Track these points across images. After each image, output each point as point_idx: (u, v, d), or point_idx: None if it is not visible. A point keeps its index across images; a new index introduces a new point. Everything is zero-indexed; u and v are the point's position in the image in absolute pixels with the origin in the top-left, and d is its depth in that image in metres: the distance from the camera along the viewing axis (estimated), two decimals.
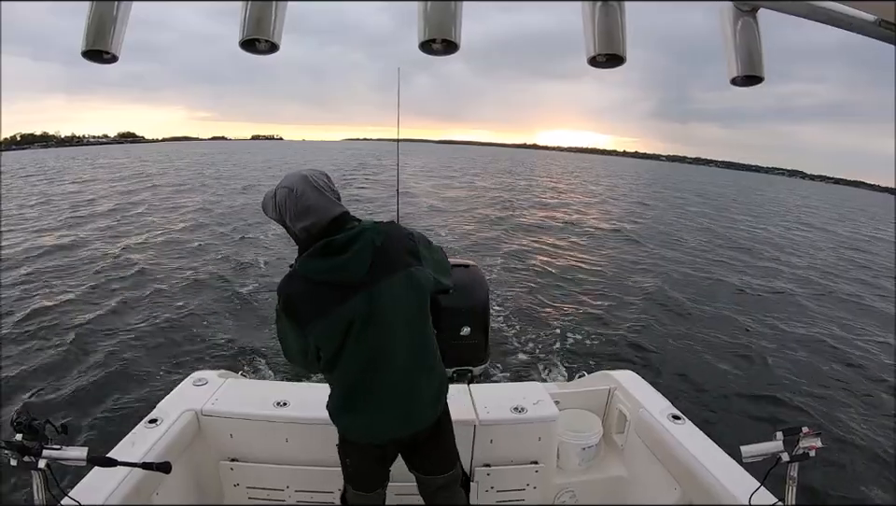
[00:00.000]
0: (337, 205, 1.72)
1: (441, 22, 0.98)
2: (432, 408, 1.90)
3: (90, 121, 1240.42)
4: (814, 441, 1.61)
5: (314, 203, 1.67)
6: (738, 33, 1.08)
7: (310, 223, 1.68)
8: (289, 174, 1.73)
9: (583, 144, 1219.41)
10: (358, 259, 1.65)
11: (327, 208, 1.69)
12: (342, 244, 1.65)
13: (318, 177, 1.72)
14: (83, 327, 7.33)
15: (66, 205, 19.11)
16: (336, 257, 1.64)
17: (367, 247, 1.65)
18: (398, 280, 1.70)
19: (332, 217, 1.69)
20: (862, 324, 9.89)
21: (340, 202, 1.75)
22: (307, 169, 1.74)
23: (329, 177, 1.76)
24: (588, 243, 15.89)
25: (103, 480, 1.92)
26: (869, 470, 5.00)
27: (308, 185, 1.68)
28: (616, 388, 3.01)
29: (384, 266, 1.68)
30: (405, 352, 1.77)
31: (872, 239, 26.14)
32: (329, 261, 1.65)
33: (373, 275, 1.67)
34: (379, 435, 1.87)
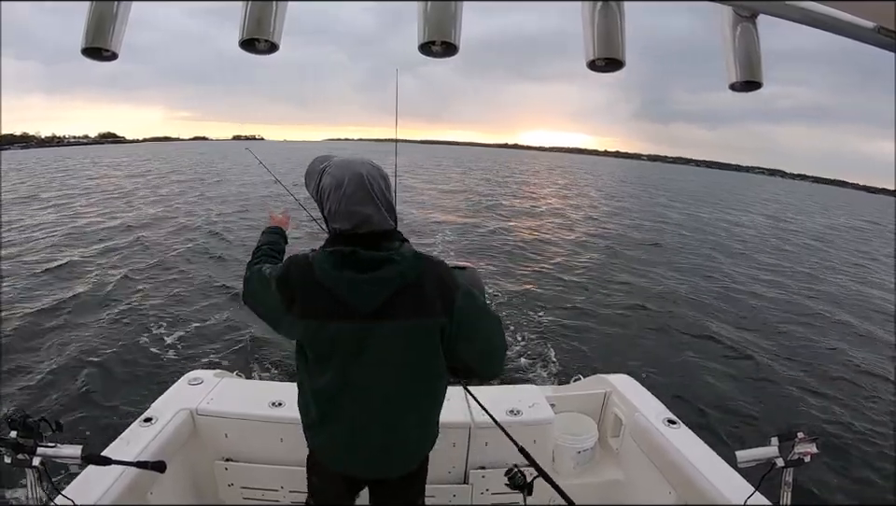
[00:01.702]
0: (386, 220, 1.45)
1: (440, 24, 0.98)
2: (404, 462, 1.69)
3: (70, 121, 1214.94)
4: (809, 446, 1.62)
5: (360, 209, 1.42)
6: (738, 38, 1.08)
7: (348, 227, 1.44)
8: (346, 160, 1.49)
9: (566, 144, 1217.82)
10: (373, 289, 1.41)
11: (371, 220, 1.43)
12: (366, 263, 1.40)
13: (377, 180, 1.45)
14: (79, 325, 7.32)
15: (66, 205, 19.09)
16: (353, 274, 1.41)
17: (391, 280, 1.41)
18: (406, 330, 1.46)
19: (374, 231, 1.44)
20: (859, 326, 9.91)
21: (393, 211, 1.50)
22: (367, 164, 1.47)
23: (387, 182, 1.49)
24: (585, 246, 15.91)
25: (97, 478, 1.91)
26: (865, 476, 5.01)
27: (362, 187, 1.42)
28: (612, 392, 3.01)
29: (401, 307, 1.42)
30: (387, 400, 1.56)
31: None
32: (344, 275, 1.41)
33: (382, 312, 1.42)
34: (343, 467, 1.68)
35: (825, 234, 27.42)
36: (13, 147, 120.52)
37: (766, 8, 1.05)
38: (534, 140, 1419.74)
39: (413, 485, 1.82)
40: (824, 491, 4.65)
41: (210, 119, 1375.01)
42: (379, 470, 1.68)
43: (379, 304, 1.41)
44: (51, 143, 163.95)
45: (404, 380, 1.54)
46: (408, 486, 1.79)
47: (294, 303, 1.47)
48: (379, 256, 1.41)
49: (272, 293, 1.52)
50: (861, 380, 7.33)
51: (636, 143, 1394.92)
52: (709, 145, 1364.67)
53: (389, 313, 1.42)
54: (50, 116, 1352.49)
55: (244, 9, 1.01)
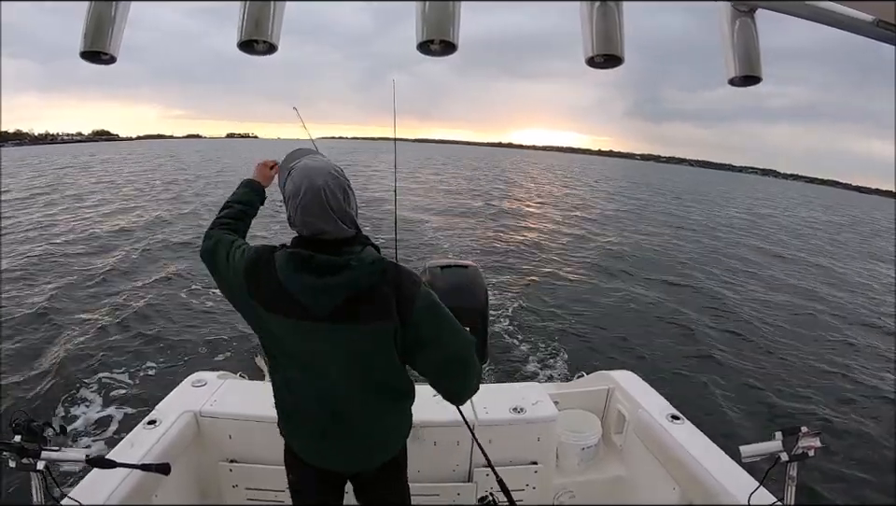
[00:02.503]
0: (342, 231, 1.43)
1: (439, 23, 0.98)
2: (375, 455, 1.71)
3: (63, 119, 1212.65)
4: (813, 441, 1.61)
5: (313, 221, 1.41)
6: (736, 33, 1.08)
7: (305, 234, 1.45)
8: (309, 166, 1.44)
9: (559, 143, 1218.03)
10: (329, 294, 1.40)
11: (325, 232, 1.42)
12: (323, 268, 1.39)
13: (334, 193, 1.41)
14: (82, 328, 7.33)
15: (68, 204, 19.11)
16: (310, 278, 1.40)
17: (347, 286, 1.40)
18: (361, 333, 1.46)
19: (328, 239, 1.43)
20: (862, 321, 9.91)
21: (354, 219, 1.48)
22: (328, 173, 1.42)
23: (347, 193, 1.44)
24: (584, 245, 15.90)
25: (102, 481, 1.91)
26: (868, 471, 5.01)
27: (317, 200, 1.39)
28: (615, 388, 3.01)
29: (356, 311, 1.42)
30: (349, 400, 1.58)
31: None
32: (301, 279, 1.41)
33: (338, 316, 1.42)
34: (319, 461, 1.71)
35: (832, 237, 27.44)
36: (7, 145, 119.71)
37: (765, 3, 1.05)
38: (527, 139, 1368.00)
39: (393, 475, 1.83)
40: (828, 485, 4.65)
41: (204, 118, 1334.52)
42: (352, 463, 1.72)
43: (334, 309, 1.41)
44: (45, 140, 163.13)
45: (364, 380, 1.56)
46: (388, 477, 1.81)
47: (259, 293, 1.49)
48: (335, 261, 1.40)
49: (238, 274, 1.54)
50: (865, 373, 7.33)
51: (629, 142, 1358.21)
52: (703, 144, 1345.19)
53: (345, 317, 1.43)
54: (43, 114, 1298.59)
55: (242, 11, 1.01)
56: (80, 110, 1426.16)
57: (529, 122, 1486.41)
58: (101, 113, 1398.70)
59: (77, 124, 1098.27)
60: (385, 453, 1.73)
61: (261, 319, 1.54)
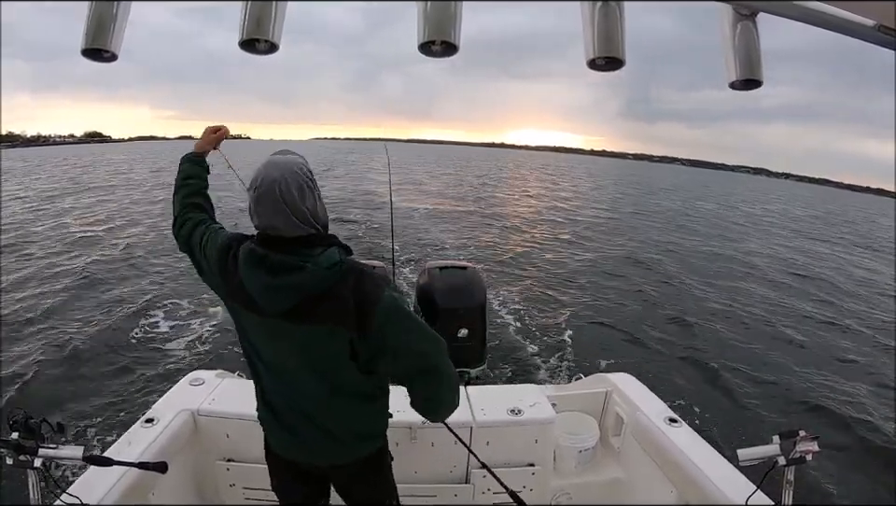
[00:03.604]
0: (296, 228, 1.38)
1: (440, 24, 0.98)
2: (347, 451, 1.66)
3: (55, 120, 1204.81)
4: (811, 444, 1.61)
5: (264, 215, 1.38)
6: (737, 36, 1.09)
7: (259, 226, 1.41)
8: (273, 160, 1.41)
9: (552, 143, 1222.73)
10: (280, 295, 1.37)
11: (277, 228, 1.38)
12: (276, 267, 1.36)
13: (290, 190, 1.35)
14: (80, 326, 7.33)
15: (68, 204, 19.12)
16: (264, 277, 1.37)
17: (299, 287, 1.36)
18: (314, 334, 1.42)
19: (285, 236, 1.38)
20: (859, 324, 9.92)
21: (313, 219, 1.41)
22: (288, 168, 1.38)
23: (304, 192, 1.38)
24: (583, 244, 15.91)
25: (99, 479, 1.91)
26: (867, 475, 5.02)
27: (270, 194, 1.35)
28: (613, 391, 3.01)
29: (309, 313, 1.38)
30: (311, 397, 1.56)
31: None
32: (256, 276, 1.38)
33: (290, 316, 1.39)
34: (288, 453, 1.69)
35: None
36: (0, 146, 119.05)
37: (766, 7, 1.05)
38: (521, 139, 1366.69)
39: (373, 470, 1.77)
40: (826, 490, 4.66)
41: (196, 119, 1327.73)
42: (324, 458, 1.67)
43: (290, 309, 1.38)
44: (37, 142, 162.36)
45: (326, 382, 1.52)
46: (367, 473, 1.76)
47: (230, 287, 1.49)
48: (289, 262, 1.35)
49: (212, 265, 1.54)
50: (862, 376, 7.34)
51: (622, 141, 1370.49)
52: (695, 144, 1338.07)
53: (300, 317, 1.39)
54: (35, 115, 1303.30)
55: (243, 10, 1.01)
56: (72, 111, 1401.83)
57: (523, 123, 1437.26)
58: (93, 114, 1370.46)
59: (69, 125, 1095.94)
60: (357, 450, 1.69)
61: (235, 313, 1.55)
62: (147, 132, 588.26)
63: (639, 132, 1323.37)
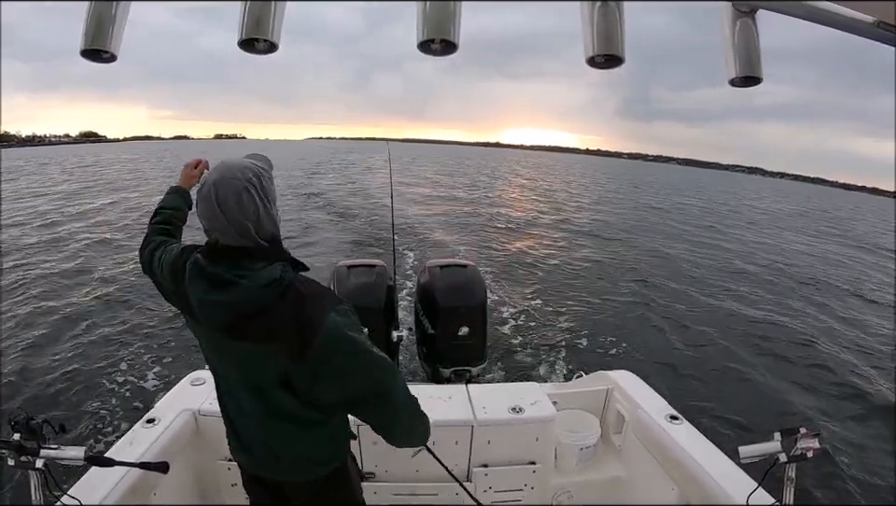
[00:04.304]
0: (232, 238, 1.28)
1: (440, 23, 0.98)
2: (290, 465, 1.53)
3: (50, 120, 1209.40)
4: (812, 441, 1.61)
5: (202, 215, 1.30)
6: (737, 33, 1.09)
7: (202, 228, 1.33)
8: (224, 162, 1.34)
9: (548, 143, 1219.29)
10: (215, 311, 1.30)
11: (212, 231, 1.30)
12: (211, 279, 1.29)
13: (226, 195, 1.26)
14: (81, 326, 7.32)
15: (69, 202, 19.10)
16: (202, 289, 1.31)
17: (233, 305, 1.27)
18: (249, 353, 1.34)
19: (224, 245, 1.30)
20: (861, 320, 9.92)
21: (254, 230, 1.29)
22: (232, 173, 1.28)
23: (244, 199, 1.27)
24: (583, 243, 15.91)
25: (100, 480, 1.92)
26: (868, 472, 5.01)
27: (208, 197, 1.27)
28: (614, 388, 3.01)
29: (245, 330, 1.29)
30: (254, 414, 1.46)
31: None
32: (194, 286, 1.32)
33: (227, 331, 1.32)
34: (252, 468, 1.61)
35: None
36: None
37: (766, 4, 1.05)
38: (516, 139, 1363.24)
39: (332, 487, 1.62)
40: (827, 486, 4.66)
41: (192, 119, 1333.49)
42: (274, 474, 1.57)
43: (224, 324, 1.30)
44: (32, 142, 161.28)
45: (262, 403, 1.41)
46: (327, 489, 1.60)
47: (178, 287, 1.41)
48: (223, 276, 1.27)
49: (166, 277, 1.51)
50: (864, 374, 7.33)
51: (617, 141, 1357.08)
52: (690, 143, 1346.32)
53: (235, 334, 1.31)
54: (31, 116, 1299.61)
55: (242, 9, 1.01)
56: (67, 111, 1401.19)
57: (519, 122, 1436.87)
58: (87, 114, 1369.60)
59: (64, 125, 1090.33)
60: (309, 471, 1.56)
61: (188, 323, 1.49)
62: (142, 132, 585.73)
63: (635, 131, 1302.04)
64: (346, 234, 14.52)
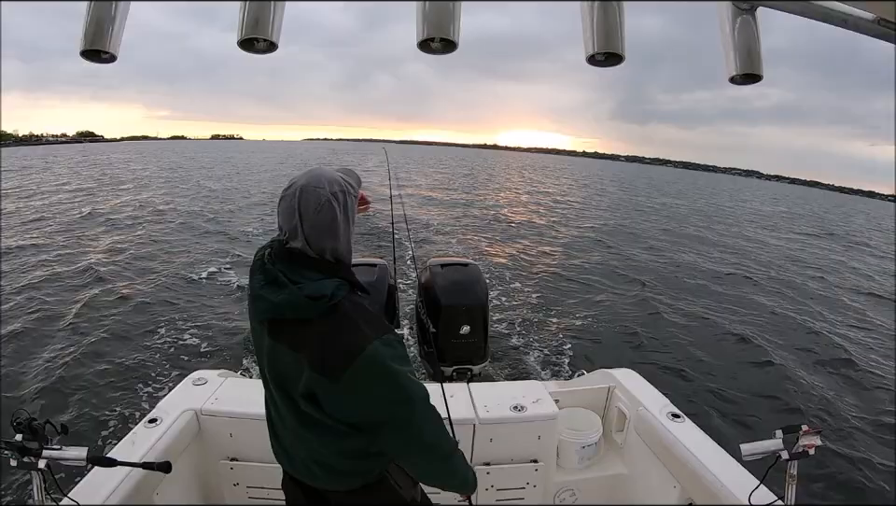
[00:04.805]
0: (301, 242, 1.30)
1: (439, 21, 0.98)
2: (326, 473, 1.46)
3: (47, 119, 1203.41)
4: (814, 439, 1.61)
5: (281, 214, 1.33)
6: (737, 31, 1.08)
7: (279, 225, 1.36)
8: (316, 168, 1.36)
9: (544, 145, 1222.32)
10: (261, 303, 1.31)
11: (286, 232, 1.32)
12: (268, 276, 1.30)
13: (307, 200, 1.29)
14: (83, 326, 7.33)
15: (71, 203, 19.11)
16: (258, 279, 1.32)
17: (273, 305, 1.28)
18: (283, 355, 1.33)
19: (289, 247, 1.32)
20: (863, 319, 9.92)
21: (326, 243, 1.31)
22: (315, 180, 1.31)
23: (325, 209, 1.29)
24: (583, 242, 15.91)
25: (103, 480, 1.92)
26: (870, 469, 5.01)
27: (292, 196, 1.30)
28: (615, 386, 3.01)
29: (286, 334, 1.31)
30: (285, 418, 1.43)
31: None
32: (254, 277, 1.34)
33: (271, 330, 1.34)
34: (279, 458, 1.58)
35: None
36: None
37: (766, 2, 1.05)
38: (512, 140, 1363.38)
39: (374, 495, 1.53)
40: (829, 484, 4.65)
41: (188, 119, 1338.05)
42: (310, 479, 1.51)
43: (263, 320, 1.34)
44: (30, 141, 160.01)
45: (288, 403, 1.39)
46: (369, 497, 1.52)
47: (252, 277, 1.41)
48: (279, 278, 1.28)
49: None
50: (865, 371, 7.33)
51: (614, 143, 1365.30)
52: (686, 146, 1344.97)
53: (273, 332, 1.33)
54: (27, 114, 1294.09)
55: (242, 9, 1.01)
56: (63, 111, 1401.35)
57: (515, 124, 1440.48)
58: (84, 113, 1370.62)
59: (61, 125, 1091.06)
60: (346, 481, 1.49)
61: None
62: (139, 131, 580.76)
63: (630, 133, 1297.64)
64: None
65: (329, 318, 1.26)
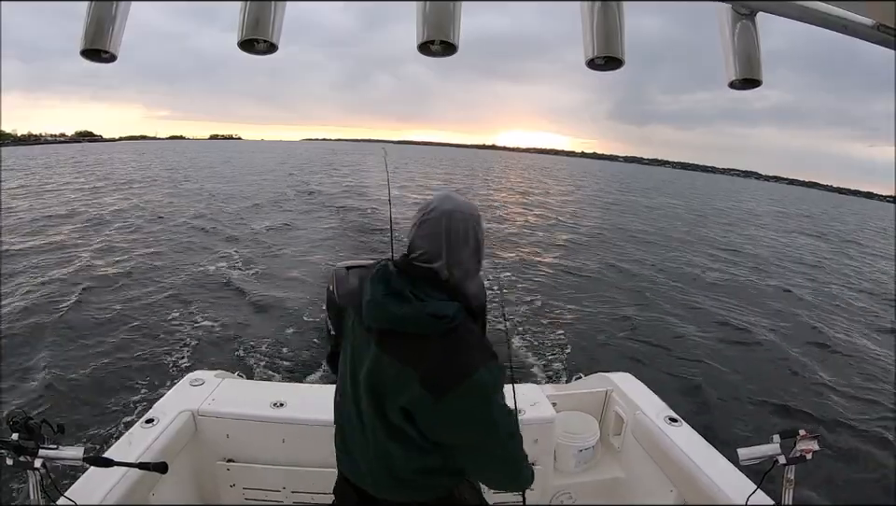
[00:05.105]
0: (439, 264, 1.35)
1: (439, 24, 0.98)
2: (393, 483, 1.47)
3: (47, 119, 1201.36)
4: (811, 443, 1.62)
5: (425, 237, 1.37)
6: (737, 36, 1.08)
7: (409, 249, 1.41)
8: (454, 195, 1.43)
9: (543, 145, 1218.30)
10: (377, 311, 1.34)
11: (426, 253, 1.37)
12: (393, 287, 1.34)
13: (457, 226, 1.36)
14: (80, 326, 7.31)
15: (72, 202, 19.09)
16: (379, 287, 1.36)
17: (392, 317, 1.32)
18: (387, 367, 1.35)
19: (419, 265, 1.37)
20: (860, 323, 9.92)
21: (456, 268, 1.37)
22: (462, 209, 1.38)
23: (469, 238, 1.37)
24: (582, 244, 15.91)
25: (99, 480, 1.91)
26: (867, 474, 5.01)
27: (436, 224, 1.35)
28: (613, 390, 3.01)
29: (393, 345, 1.33)
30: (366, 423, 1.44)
31: None
32: (372, 285, 1.38)
33: (379, 337, 1.36)
34: (341, 464, 1.61)
35: None
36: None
37: (766, 6, 1.05)
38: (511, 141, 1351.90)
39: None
40: (826, 488, 4.65)
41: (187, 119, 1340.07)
42: (374, 489, 1.52)
43: (377, 329, 1.36)
44: (28, 141, 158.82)
45: (379, 412, 1.40)
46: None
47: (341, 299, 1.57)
48: (403, 290, 1.33)
49: None
50: (863, 375, 7.34)
51: (612, 143, 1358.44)
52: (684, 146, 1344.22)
53: (383, 342, 1.35)
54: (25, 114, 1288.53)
55: (242, 10, 1.00)
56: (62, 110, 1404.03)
57: (514, 124, 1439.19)
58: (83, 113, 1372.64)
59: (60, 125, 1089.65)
60: (402, 494, 1.51)
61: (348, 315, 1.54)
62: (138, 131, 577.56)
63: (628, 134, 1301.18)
64: (346, 235, 14.53)
65: (445, 339, 1.30)
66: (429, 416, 1.33)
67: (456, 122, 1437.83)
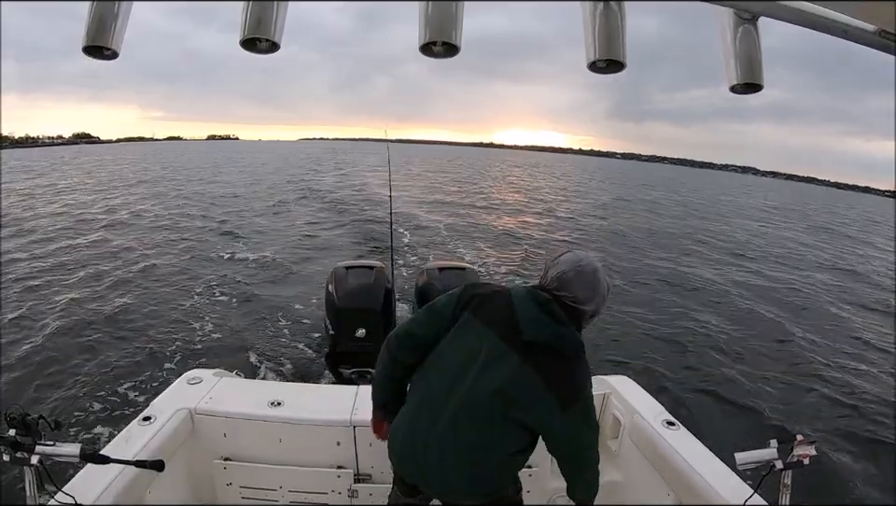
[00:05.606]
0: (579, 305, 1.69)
1: (441, 25, 0.97)
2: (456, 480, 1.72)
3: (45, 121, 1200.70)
4: (808, 449, 1.62)
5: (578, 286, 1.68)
6: (738, 40, 1.08)
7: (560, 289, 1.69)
8: (593, 257, 1.76)
9: (541, 143, 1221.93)
10: (543, 328, 1.63)
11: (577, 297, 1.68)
12: (551, 312, 1.64)
13: (602, 281, 1.72)
14: (78, 323, 7.31)
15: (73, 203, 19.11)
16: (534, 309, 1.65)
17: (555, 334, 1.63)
18: (523, 376, 1.62)
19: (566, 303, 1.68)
20: (859, 328, 9.91)
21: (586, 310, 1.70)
22: (601, 269, 1.74)
23: (604, 289, 1.72)
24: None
25: (95, 477, 1.91)
26: (864, 480, 5.00)
27: (591, 276, 1.69)
28: (610, 394, 3.00)
29: (540, 360, 1.62)
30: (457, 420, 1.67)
31: None
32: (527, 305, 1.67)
33: (524, 350, 1.63)
34: (401, 466, 1.84)
35: None
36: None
37: (767, 10, 1.05)
38: (509, 139, 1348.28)
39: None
40: (823, 494, 4.65)
41: (184, 119, 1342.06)
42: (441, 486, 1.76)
43: (533, 340, 1.61)
44: (25, 143, 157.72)
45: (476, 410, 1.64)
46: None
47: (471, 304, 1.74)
48: (559, 315, 1.63)
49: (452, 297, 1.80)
50: (861, 381, 7.33)
51: (610, 141, 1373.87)
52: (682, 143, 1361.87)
53: (527, 352, 1.61)
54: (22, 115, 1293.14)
55: (244, 9, 1.00)
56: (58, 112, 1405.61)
57: (511, 122, 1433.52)
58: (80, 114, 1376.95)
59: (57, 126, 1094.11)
60: (466, 494, 1.75)
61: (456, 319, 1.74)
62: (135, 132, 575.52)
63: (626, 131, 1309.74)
64: (345, 235, 14.53)
65: (576, 361, 1.66)
66: (551, 428, 1.66)
67: (456, 122, 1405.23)
